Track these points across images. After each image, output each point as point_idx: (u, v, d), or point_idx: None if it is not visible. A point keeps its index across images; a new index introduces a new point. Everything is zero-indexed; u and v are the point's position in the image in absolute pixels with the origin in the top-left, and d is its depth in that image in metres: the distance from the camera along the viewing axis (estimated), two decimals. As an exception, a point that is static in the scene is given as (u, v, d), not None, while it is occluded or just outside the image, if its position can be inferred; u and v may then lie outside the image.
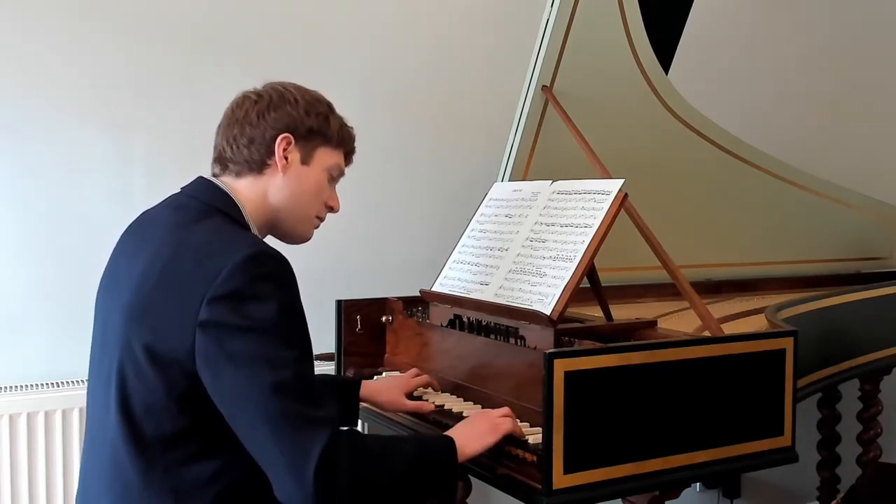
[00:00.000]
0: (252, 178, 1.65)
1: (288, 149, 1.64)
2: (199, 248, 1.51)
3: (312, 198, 1.70)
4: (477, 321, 2.09)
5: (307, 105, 1.66)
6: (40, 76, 2.47)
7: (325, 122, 1.69)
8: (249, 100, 1.66)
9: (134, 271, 1.55)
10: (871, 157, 3.83)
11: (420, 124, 2.97)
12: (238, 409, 1.43)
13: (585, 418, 1.65)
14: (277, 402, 1.41)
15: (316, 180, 1.69)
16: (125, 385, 1.50)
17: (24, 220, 2.48)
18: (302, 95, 1.67)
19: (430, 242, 2.84)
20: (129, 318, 1.51)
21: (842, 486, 3.37)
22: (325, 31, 2.82)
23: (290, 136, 1.64)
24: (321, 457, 1.39)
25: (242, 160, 1.64)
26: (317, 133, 1.67)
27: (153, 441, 1.49)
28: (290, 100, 1.65)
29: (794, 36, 3.68)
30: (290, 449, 1.40)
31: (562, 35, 2.40)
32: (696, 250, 2.78)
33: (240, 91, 1.70)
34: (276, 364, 1.42)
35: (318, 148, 1.68)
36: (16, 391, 2.41)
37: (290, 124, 1.64)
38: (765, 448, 1.89)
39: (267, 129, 1.63)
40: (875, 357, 2.74)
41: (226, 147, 1.66)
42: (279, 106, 1.64)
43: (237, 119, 1.65)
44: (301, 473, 1.39)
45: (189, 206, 1.61)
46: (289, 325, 1.47)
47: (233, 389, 1.43)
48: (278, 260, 1.49)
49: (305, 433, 1.41)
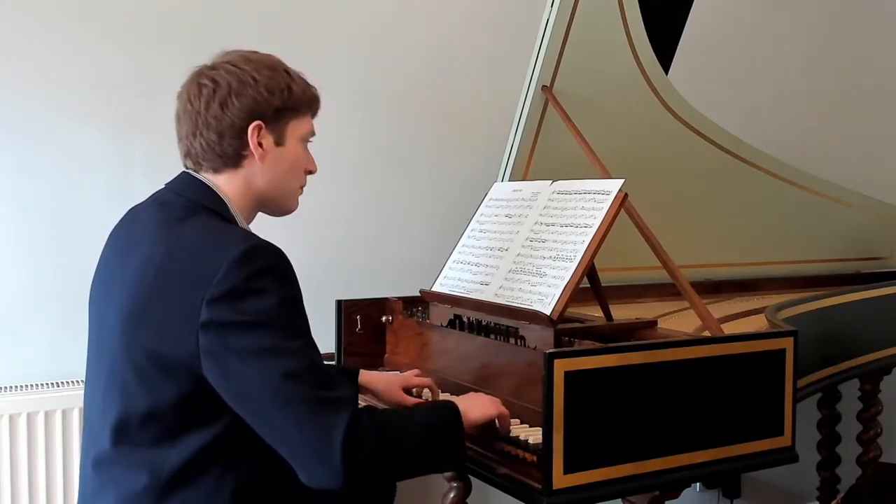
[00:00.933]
0: (230, 172, 1.62)
1: (261, 134, 1.60)
2: (191, 249, 1.49)
3: (293, 172, 1.67)
4: (477, 321, 2.09)
5: (267, 82, 1.59)
6: (40, 76, 2.47)
7: (289, 94, 1.62)
8: (207, 88, 1.58)
9: (127, 274, 1.54)
10: (871, 158, 3.83)
11: (420, 124, 2.97)
12: (254, 404, 1.43)
13: (585, 418, 1.65)
14: (291, 389, 1.40)
15: (293, 155, 1.66)
16: (126, 390, 1.50)
17: (24, 220, 2.48)
18: (258, 70, 1.59)
19: (430, 242, 2.84)
20: (126, 324, 1.50)
21: (842, 486, 3.37)
22: (326, 31, 2.82)
23: (261, 123, 1.59)
24: (345, 436, 1.39)
25: (215, 156, 1.60)
26: (284, 109, 1.62)
27: (151, 444, 1.48)
28: (248, 81, 1.57)
29: (794, 36, 3.68)
30: (312, 433, 1.40)
31: (562, 35, 2.40)
32: (696, 250, 2.78)
33: (190, 71, 1.63)
34: (284, 354, 1.42)
35: (289, 123, 1.64)
36: (16, 391, 2.41)
37: (257, 109, 1.58)
38: (765, 448, 1.89)
39: (234, 119, 1.57)
40: (875, 357, 2.74)
41: (193, 142, 1.60)
42: (240, 92, 1.57)
43: (198, 111, 1.58)
44: (328, 456, 1.39)
45: (174, 203, 1.59)
46: (290, 316, 1.46)
47: (245, 385, 1.42)
48: (273, 252, 1.48)
49: (325, 415, 1.40)
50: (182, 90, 1.63)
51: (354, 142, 2.84)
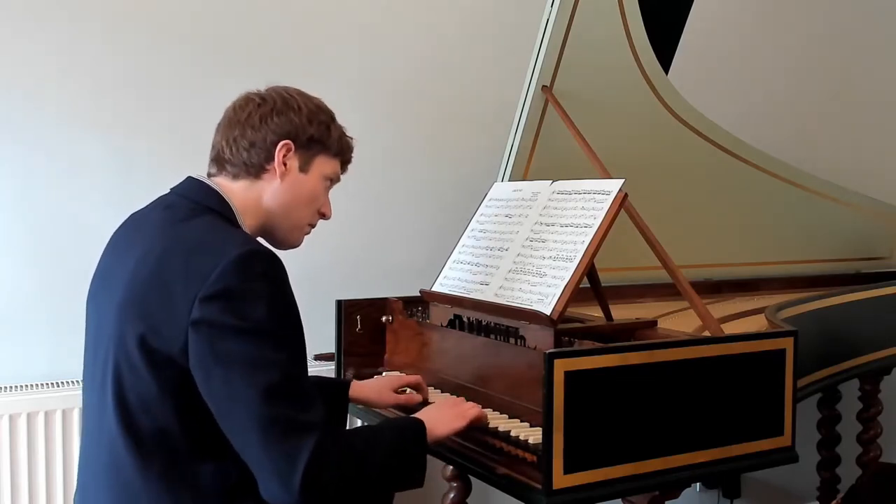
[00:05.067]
0: (248, 181, 1.65)
1: (288, 155, 1.65)
2: (190, 244, 1.51)
3: (307, 205, 1.71)
4: (477, 321, 2.09)
5: (310, 113, 1.67)
6: (41, 79, 2.47)
7: (327, 130, 1.69)
8: (253, 102, 1.66)
9: (126, 269, 1.55)
10: (870, 158, 3.84)
11: (420, 124, 2.97)
12: (227, 410, 1.44)
13: (585, 418, 1.65)
14: (266, 407, 1.42)
15: (312, 188, 1.70)
16: (121, 383, 1.50)
17: (25, 221, 2.48)
18: (305, 103, 1.68)
19: (430, 242, 2.84)
20: (122, 314, 1.51)
21: (842, 486, 3.37)
22: (325, 31, 2.82)
23: (291, 143, 1.64)
24: (308, 465, 1.41)
25: (241, 163, 1.64)
26: (317, 141, 1.68)
27: (150, 438, 1.49)
28: (293, 106, 1.66)
29: (794, 36, 3.68)
30: (276, 456, 1.42)
31: (562, 35, 2.40)
32: (696, 250, 2.78)
33: (243, 91, 1.70)
34: (267, 367, 1.43)
35: (318, 156, 1.69)
36: (16, 391, 2.41)
37: (292, 131, 1.65)
38: (765, 448, 1.89)
39: (268, 133, 1.64)
40: (875, 357, 2.74)
41: (225, 147, 1.66)
42: (282, 111, 1.65)
43: (239, 120, 1.65)
44: (287, 480, 1.41)
45: (180, 204, 1.61)
46: (281, 326, 1.47)
47: (223, 391, 1.43)
48: (270, 258, 1.49)
49: (292, 440, 1.42)
50: (230, 105, 1.70)
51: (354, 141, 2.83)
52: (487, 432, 1.81)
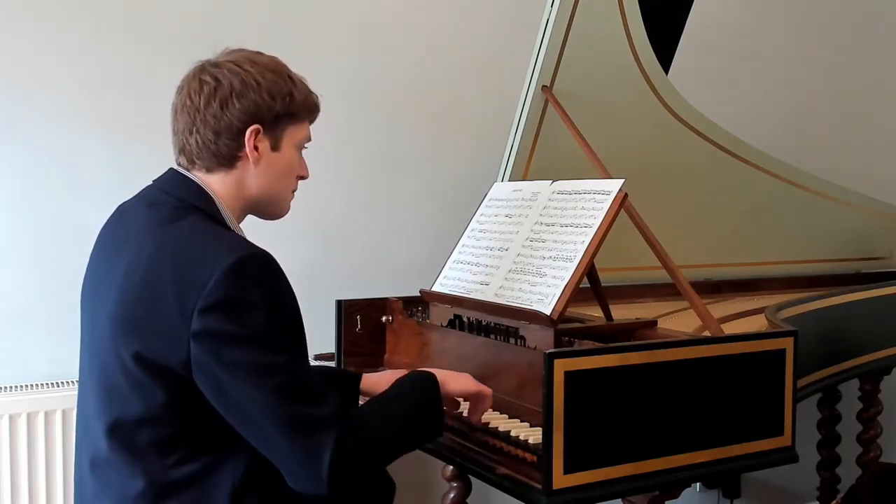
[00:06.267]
0: (223, 173, 1.60)
1: (258, 138, 1.59)
2: (180, 254, 1.48)
3: (286, 178, 1.67)
4: (477, 321, 2.09)
5: (270, 87, 1.58)
6: (41, 79, 2.47)
7: (291, 101, 1.61)
8: (208, 85, 1.57)
9: (116, 275, 1.53)
10: (870, 157, 3.83)
11: (420, 124, 2.97)
12: (245, 416, 1.44)
13: (585, 418, 1.65)
14: (282, 407, 1.42)
15: (288, 161, 1.65)
16: (116, 393, 1.50)
17: (25, 221, 2.48)
18: (262, 74, 1.58)
19: (430, 242, 2.84)
20: (115, 329, 1.50)
21: (842, 486, 3.37)
22: (324, 30, 2.81)
23: (259, 126, 1.58)
24: (332, 457, 1.42)
25: (209, 155, 1.59)
26: (284, 115, 1.61)
27: (147, 447, 1.48)
28: (251, 84, 1.56)
29: (794, 36, 3.68)
30: (301, 453, 1.43)
31: (562, 35, 2.40)
32: (696, 250, 2.78)
33: (192, 65, 1.62)
34: (274, 370, 1.43)
35: (287, 129, 1.63)
36: (16, 391, 2.41)
37: (257, 113, 1.57)
38: (765, 448, 1.89)
39: (233, 120, 1.56)
40: (875, 357, 2.74)
41: (188, 138, 1.59)
42: (242, 93, 1.56)
43: (197, 108, 1.57)
44: (316, 475, 1.43)
45: (164, 203, 1.58)
46: (282, 328, 1.46)
47: (237, 399, 1.43)
48: (264, 260, 1.47)
49: (314, 437, 1.43)
50: (182, 84, 1.62)
51: (354, 141, 2.83)
52: (487, 432, 1.81)
